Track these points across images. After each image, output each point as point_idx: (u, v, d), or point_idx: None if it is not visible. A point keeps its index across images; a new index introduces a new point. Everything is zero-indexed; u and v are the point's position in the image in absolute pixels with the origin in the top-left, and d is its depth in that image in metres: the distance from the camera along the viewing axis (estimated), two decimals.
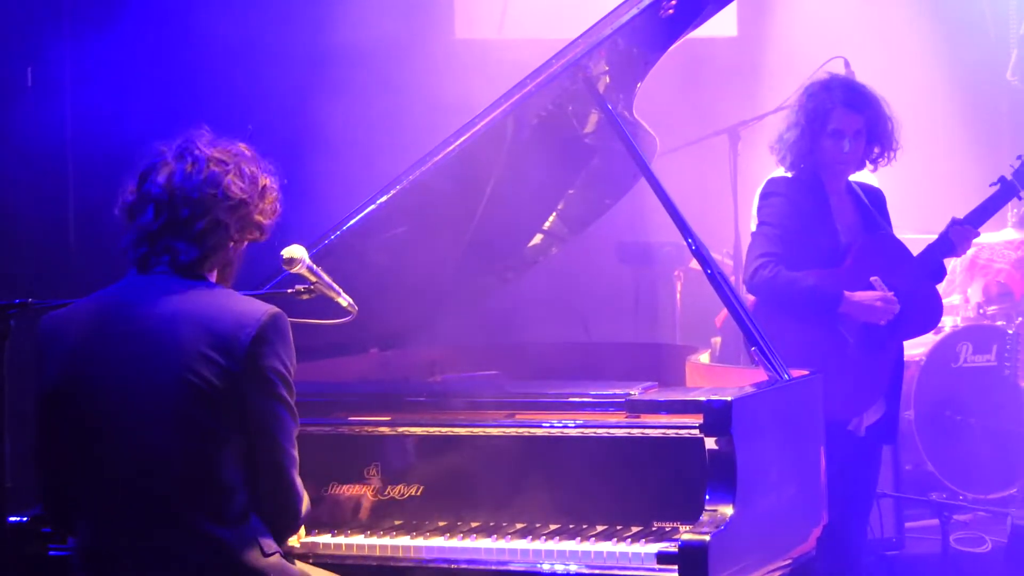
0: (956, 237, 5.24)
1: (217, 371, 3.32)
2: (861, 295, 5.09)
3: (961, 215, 5.30)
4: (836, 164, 5.22)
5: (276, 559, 3.41)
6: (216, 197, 3.44)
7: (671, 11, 4.41)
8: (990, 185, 5.32)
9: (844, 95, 5.24)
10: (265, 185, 3.54)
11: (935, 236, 5.30)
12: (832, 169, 5.24)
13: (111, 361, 3.37)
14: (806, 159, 5.22)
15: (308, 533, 3.79)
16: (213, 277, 3.51)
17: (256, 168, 3.54)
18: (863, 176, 5.53)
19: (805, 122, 5.22)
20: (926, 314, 5.33)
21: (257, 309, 3.40)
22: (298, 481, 3.47)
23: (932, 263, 5.28)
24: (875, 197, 5.42)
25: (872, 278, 5.13)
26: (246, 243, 3.55)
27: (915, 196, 7.40)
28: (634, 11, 4.26)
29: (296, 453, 3.46)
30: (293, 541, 3.68)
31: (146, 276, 3.45)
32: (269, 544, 3.41)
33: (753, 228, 5.47)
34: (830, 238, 5.20)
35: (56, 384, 3.41)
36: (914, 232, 6.25)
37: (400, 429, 3.95)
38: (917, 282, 5.21)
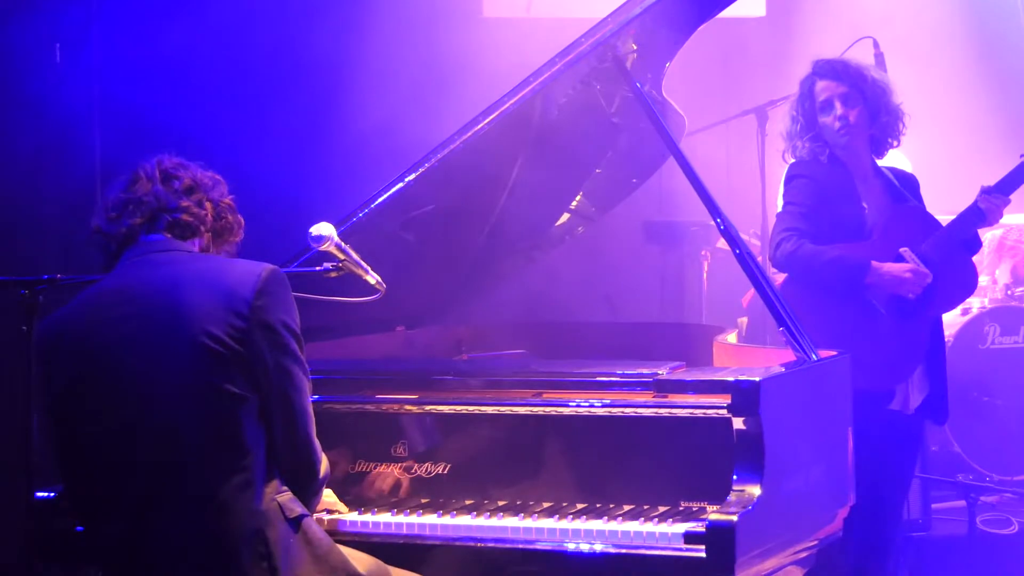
0: (986, 205, 5.18)
1: (225, 328, 3.32)
2: (890, 266, 5.05)
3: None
4: (838, 137, 5.19)
5: (306, 522, 3.40)
6: (201, 183, 3.58)
7: None
8: (1021, 155, 5.28)
9: (817, 68, 5.28)
10: (237, 219, 3.68)
11: None
12: (839, 145, 5.21)
13: (119, 345, 3.36)
14: (816, 142, 5.21)
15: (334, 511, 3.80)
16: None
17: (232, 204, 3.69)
18: (895, 161, 5.47)
19: (799, 109, 5.27)
20: (959, 284, 5.26)
21: (256, 265, 3.43)
22: (315, 438, 3.47)
23: (964, 233, 5.23)
24: (907, 181, 5.38)
25: (902, 249, 5.09)
26: (218, 237, 3.63)
27: (944, 175, 7.35)
28: None
29: (311, 408, 3.46)
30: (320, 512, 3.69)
31: (137, 259, 3.47)
32: (294, 507, 3.40)
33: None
34: (856, 215, 5.15)
35: (67, 387, 3.40)
36: (943, 212, 6.22)
37: (427, 407, 3.94)
38: (949, 253, 5.16)
